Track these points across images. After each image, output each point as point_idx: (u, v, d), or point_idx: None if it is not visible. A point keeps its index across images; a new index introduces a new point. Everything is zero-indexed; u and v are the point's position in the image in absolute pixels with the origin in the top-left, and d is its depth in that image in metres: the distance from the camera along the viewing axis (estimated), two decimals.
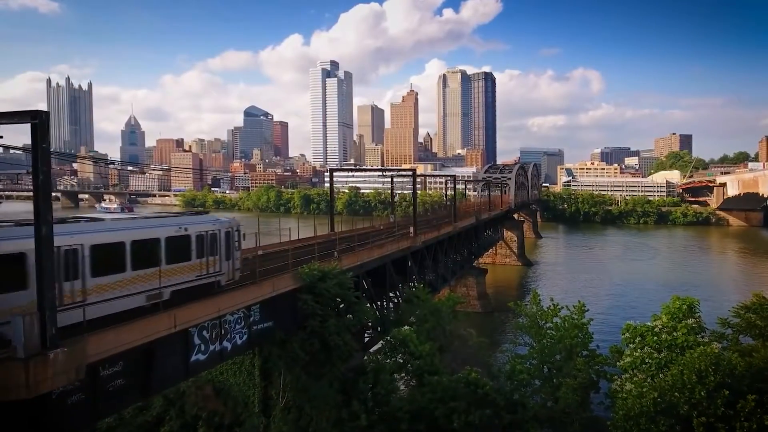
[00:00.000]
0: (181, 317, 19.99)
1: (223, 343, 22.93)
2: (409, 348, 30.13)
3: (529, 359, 38.57)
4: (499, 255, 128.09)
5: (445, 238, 64.74)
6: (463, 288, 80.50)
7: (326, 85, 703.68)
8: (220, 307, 22.00)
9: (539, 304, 40.27)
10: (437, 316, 35.03)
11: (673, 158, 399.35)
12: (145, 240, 21.12)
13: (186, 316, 20.20)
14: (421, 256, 55.45)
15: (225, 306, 22.38)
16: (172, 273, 21.77)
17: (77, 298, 17.93)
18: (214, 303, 21.86)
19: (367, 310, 32.33)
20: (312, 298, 27.22)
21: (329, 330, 26.99)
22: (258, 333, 25.43)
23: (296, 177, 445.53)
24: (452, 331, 34.04)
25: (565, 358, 36.94)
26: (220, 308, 22.07)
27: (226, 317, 23.02)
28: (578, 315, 37.99)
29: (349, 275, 30.64)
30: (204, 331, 21.88)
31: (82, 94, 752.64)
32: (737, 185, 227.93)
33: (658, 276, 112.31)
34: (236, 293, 23.53)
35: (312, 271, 27.98)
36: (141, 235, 21.04)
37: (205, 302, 21.50)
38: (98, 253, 19.01)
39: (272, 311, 26.06)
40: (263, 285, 25.10)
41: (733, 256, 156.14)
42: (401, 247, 47.13)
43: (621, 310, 77.23)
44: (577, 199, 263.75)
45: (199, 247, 23.28)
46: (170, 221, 23.79)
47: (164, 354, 19.69)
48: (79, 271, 18.26)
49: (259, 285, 24.98)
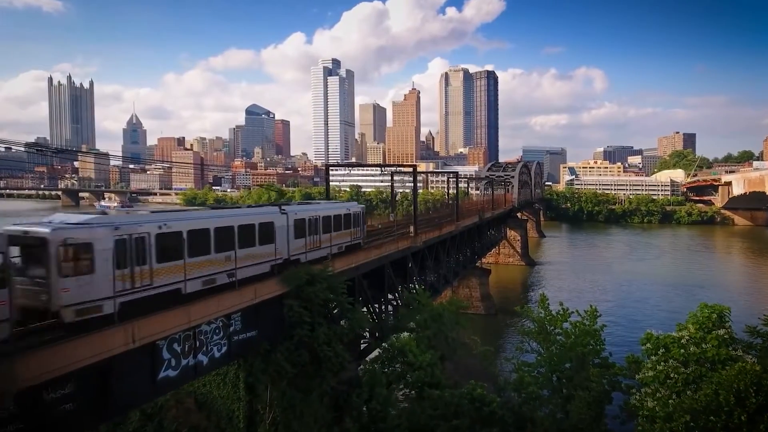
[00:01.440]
0: (147, 329, 17.50)
1: (198, 356, 20.44)
2: (408, 358, 27.58)
3: (537, 367, 36.07)
4: (502, 254, 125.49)
5: (447, 237, 62.16)
6: (466, 289, 78.01)
7: (328, 83, 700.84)
8: (191, 317, 19.41)
9: (548, 308, 37.62)
10: (439, 321, 32.43)
11: (677, 157, 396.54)
12: (338, 215, 34.57)
13: (152, 328, 17.71)
14: (422, 256, 52.91)
15: (199, 315, 19.86)
16: (344, 236, 35.17)
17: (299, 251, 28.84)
18: (185, 312, 19.32)
19: (363, 316, 29.72)
20: (299, 304, 24.74)
21: (319, 340, 24.45)
22: (239, 344, 22.92)
23: (297, 175, 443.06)
24: (455, 338, 31.50)
25: (576, 367, 34.42)
26: (192, 318, 19.47)
27: (202, 327, 20.53)
28: (590, 321, 35.39)
29: (342, 278, 28.06)
30: (175, 343, 19.38)
31: (83, 92, 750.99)
32: (743, 184, 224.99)
33: (666, 276, 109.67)
34: (211, 301, 20.99)
35: (299, 274, 25.54)
36: (334, 212, 34.27)
37: (175, 311, 18.95)
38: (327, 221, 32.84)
39: (255, 319, 23.58)
40: (244, 291, 22.56)
41: (741, 255, 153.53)
42: (401, 248, 44.58)
43: (630, 314, 74.74)
44: (581, 198, 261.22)
45: (355, 221, 37.01)
46: (341, 205, 37.79)
47: (125, 372, 17.22)
48: (316, 230, 31.30)
49: (240, 291, 22.46)
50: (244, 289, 22.53)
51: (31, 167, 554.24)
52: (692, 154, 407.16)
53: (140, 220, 20.57)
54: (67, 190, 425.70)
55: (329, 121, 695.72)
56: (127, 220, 20.23)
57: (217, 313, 20.90)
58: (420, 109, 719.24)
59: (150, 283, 19.87)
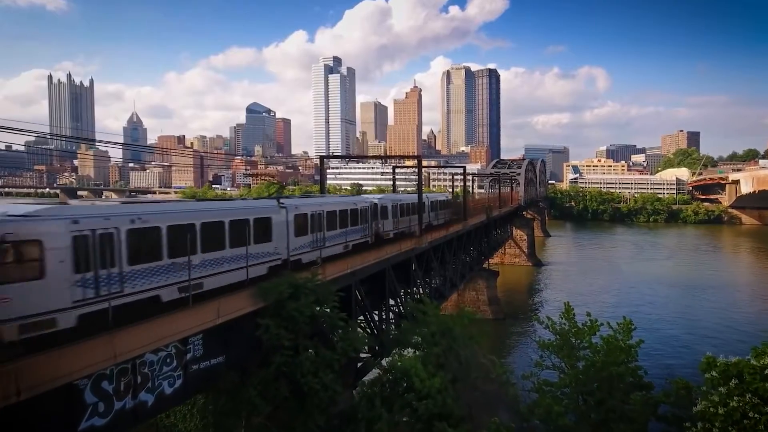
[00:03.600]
0: (58, 366, 12.63)
1: (139, 396, 15.58)
2: (414, 383, 22.71)
3: (561, 388, 31.20)
4: (508, 254, 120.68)
5: (454, 237, 57.33)
6: (472, 292, 73.21)
7: (329, 81, 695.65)
8: (129, 344, 14.49)
9: (573, 318, 32.72)
10: (449, 336, 27.60)
11: (681, 155, 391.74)
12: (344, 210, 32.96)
13: (67, 364, 12.85)
14: (427, 258, 48.11)
15: (141, 341, 14.97)
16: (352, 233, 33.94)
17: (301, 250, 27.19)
18: (119, 339, 14.37)
19: (360, 337, 24.62)
20: (277, 324, 19.77)
21: (302, 369, 19.41)
22: (200, 375, 18.00)
23: (298, 174, 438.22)
24: (469, 357, 26.66)
25: (606, 389, 29.55)
26: (129, 346, 14.53)
27: (146, 357, 15.70)
28: (624, 335, 30.49)
29: (334, 288, 23.16)
30: (104, 381, 14.55)
31: (83, 91, 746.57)
32: (751, 182, 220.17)
33: (680, 278, 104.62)
34: (159, 322, 16.03)
35: (278, 286, 20.69)
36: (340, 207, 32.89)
37: (104, 338, 14.04)
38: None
39: (222, 342, 18.77)
40: (205, 308, 17.65)
41: (753, 256, 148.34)
42: (404, 249, 39.77)
43: (648, 319, 69.54)
44: (585, 197, 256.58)
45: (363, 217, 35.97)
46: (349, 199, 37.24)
47: (23, 427, 12.36)
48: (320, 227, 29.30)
49: (200, 308, 17.57)
50: (204, 306, 17.56)
51: (30, 166, 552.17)
52: (697, 152, 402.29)
53: (108, 213, 17.21)
54: (65, 189, 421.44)
55: (330, 120, 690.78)
56: (90, 211, 16.95)
57: (168, 338, 16.05)
58: (421, 107, 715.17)
59: (120, 290, 16.69)
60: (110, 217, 16.98)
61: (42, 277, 14.65)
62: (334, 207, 31.82)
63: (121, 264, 16.84)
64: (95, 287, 15.92)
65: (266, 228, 24.73)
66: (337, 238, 31.86)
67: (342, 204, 33.37)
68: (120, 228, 16.99)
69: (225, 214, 22.14)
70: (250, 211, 23.98)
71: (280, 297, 19.94)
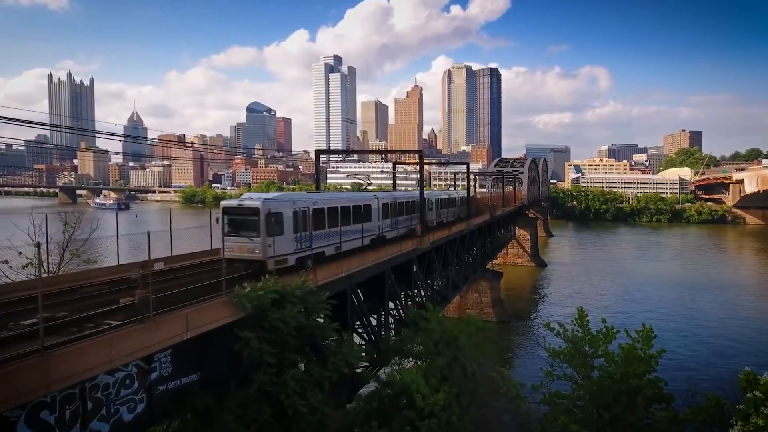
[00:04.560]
0: None
1: (90, 425, 13.08)
2: (416, 401, 20.27)
3: (575, 400, 28.84)
4: (511, 255, 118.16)
5: (457, 237, 54.85)
6: (475, 294, 70.78)
7: (329, 80, 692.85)
8: (76, 365, 11.99)
9: (587, 325, 30.28)
10: (454, 346, 25.16)
11: (684, 155, 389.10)
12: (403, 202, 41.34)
13: None
14: (429, 259, 45.66)
15: (93, 361, 12.49)
16: (410, 220, 42.24)
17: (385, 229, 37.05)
18: (61, 359, 11.86)
19: (355, 351, 21.92)
20: (258, 337, 17.16)
21: (287, 388, 16.82)
22: (167, 397, 15.49)
23: (298, 173, 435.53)
24: (476, 370, 24.17)
25: (625, 403, 27.17)
26: (75, 368, 12.03)
27: (99, 380, 13.26)
28: (643, 343, 28.09)
29: (326, 294, 20.64)
30: (44, 410, 12.13)
31: (83, 89, 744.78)
32: (756, 182, 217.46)
33: (688, 280, 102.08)
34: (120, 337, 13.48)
35: (258, 293, 17.99)
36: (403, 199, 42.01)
37: (38, 360, 11.53)
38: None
39: (196, 358, 16.33)
40: (169, 320, 15.18)
41: (760, 256, 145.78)
42: (404, 250, 37.33)
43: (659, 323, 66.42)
44: (588, 196, 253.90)
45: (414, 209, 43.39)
46: (408, 194, 45.83)
47: None
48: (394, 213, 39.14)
49: (163, 320, 15.02)
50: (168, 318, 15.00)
51: (30, 165, 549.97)
52: (699, 152, 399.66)
53: (303, 198, 27.62)
54: (65, 188, 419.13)
55: (330, 119, 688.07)
56: (296, 197, 27.91)
57: (125, 357, 13.57)
58: (422, 106, 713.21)
59: (309, 246, 26.38)
60: (305, 201, 27.13)
61: (282, 234, 24.58)
62: (402, 200, 42.36)
63: (310, 229, 26.65)
64: (301, 242, 25.87)
65: (369, 212, 34.93)
66: (404, 222, 41.92)
67: (406, 198, 44.17)
68: (309, 208, 26.88)
69: (351, 201, 32.92)
70: (362, 200, 34.72)
71: (261, 305, 17.57)
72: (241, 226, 24.08)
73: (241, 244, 23.58)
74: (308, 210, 26.62)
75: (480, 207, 74.85)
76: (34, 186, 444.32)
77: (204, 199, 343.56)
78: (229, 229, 24.30)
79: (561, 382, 30.95)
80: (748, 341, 62.27)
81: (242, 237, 23.81)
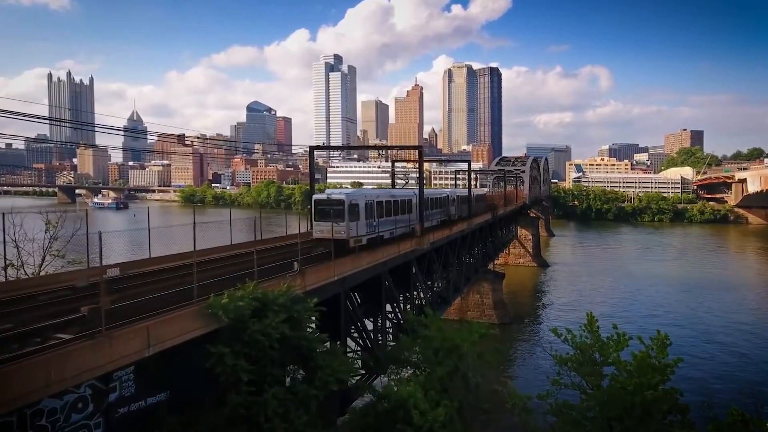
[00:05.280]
0: None
1: None
2: (413, 418, 18.41)
3: (585, 411, 27.02)
4: (512, 255, 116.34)
5: (458, 237, 53.06)
6: (476, 295, 68.93)
7: (329, 79, 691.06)
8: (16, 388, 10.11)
9: (597, 331, 28.44)
10: (455, 355, 23.26)
11: (685, 154, 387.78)
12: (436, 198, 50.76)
13: None
14: (429, 260, 43.83)
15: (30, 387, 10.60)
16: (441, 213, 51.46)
17: None
18: None
19: (346, 365, 19.54)
20: (234, 352, 15.16)
21: (268, 408, 14.85)
22: (128, 420, 13.44)
23: (298, 173, 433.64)
24: (479, 382, 22.25)
25: (639, 415, 25.32)
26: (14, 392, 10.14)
27: (43, 404, 11.41)
28: (658, 351, 26.25)
29: (314, 301, 18.69)
30: None
31: (83, 89, 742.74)
32: (759, 181, 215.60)
33: (693, 280, 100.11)
34: (70, 355, 11.57)
35: (237, 304, 15.92)
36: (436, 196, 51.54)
37: None
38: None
39: (165, 374, 14.42)
40: (130, 335, 13.15)
41: (765, 256, 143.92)
42: (403, 251, 35.53)
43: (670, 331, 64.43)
44: (589, 196, 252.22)
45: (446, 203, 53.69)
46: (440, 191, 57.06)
47: None
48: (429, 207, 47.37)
49: (117, 337, 12.91)
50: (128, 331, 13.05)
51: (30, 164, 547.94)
52: (701, 151, 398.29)
53: (369, 194, 35.56)
54: (63, 187, 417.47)
55: (331, 118, 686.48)
56: (366, 192, 36.36)
57: (76, 377, 11.69)
58: (423, 105, 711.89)
59: (376, 230, 34.28)
60: (371, 195, 35.02)
61: (358, 219, 32.44)
62: (434, 196, 50.96)
63: (376, 217, 34.33)
64: (370, 227, 33.54)
65: (410, 205, 41.58)
66: (436, 215, 50.02)
67: (438, 194, 53.57)
68: (374, 201, 34.51)
69: (400, 197, 40.27)
70: (406, 196, 41.63)
71: (240, 316, 15.66)
72: (329, 214, 31.89)
73: (330, 227, 30.26)
74: (373, 202, 34.56)
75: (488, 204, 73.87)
76: (33, 185, 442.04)
77: (204, 198, 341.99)
78: (319, 217, 32.59)
79: (569, 391, 29.17)
80: (761, 346, 60.39)
81: (330, 222, 31.02)
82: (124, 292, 17.47)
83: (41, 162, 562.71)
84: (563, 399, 28.46)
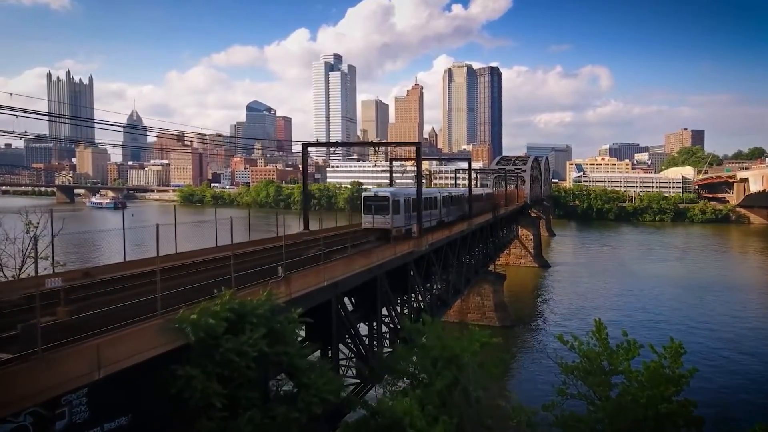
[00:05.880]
0: None
1: None
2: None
3: (594, 424, 25.44)
4: (513, 255, 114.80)
5: (458, 237, 51.41)
6: (477, 297, 67.32)
7: (329, 78, 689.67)
8: None
9: (605, 339, 26.81)
10: (455, 365, 21.59)
11: (686, 154, 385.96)
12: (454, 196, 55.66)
13: None
14: (428, 261, 42.15)
15: None
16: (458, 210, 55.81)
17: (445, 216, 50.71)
18: None
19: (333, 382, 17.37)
20: (205, 373, 13.26)
21: None
22: None
23: (298, 172, 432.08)
24: (481, 397, 20.57)
25: (651, 429, 23.76)
26: None
27: None
28: (671, 360, 24.64)
29: (298, 311, 16.97)
30: None
31: (83, 88, 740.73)
32: (761, 181, 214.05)
33: (699, 281, 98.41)
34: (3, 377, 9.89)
35: (206, 319, 13.78)
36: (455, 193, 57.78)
37: None
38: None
39: (123, 397, 12.75)
40: (74, 356, 11.11)
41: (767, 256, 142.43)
42: (400, 253, 33.85)
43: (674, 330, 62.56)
44: (590, 195, 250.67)
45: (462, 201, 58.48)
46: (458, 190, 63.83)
47: None
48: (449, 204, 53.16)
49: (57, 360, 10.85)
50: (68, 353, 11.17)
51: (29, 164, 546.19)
52: (701, 150, 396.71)
53: (405, 192, 40.70)
54: (62, 187, 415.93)
55: (330, 117, 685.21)
56: (405, 191, 41.39)
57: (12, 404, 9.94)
58: (423, 105, 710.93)
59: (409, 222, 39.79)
60: (407, 193, 40.31)
61: (399, 213, 38.29)
62: (454, 194, 55.84)
63: (411, 212, 39.90)
64: (408, 220, 39.23)
65: (436, 202, 47.87)
66: (455, 211, 54.43)
67: (456, 192, 59.30)
68: (411, 197, 40.08)
69: (429, 195, 45.89)
70: (432, 194, 48.13)
71: (212, 332, 13.79)
72: (376, 209, 38.08)
73: (376, 219, 37.86)
74: (410, 199, 39.84)
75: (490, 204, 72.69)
76: (32, 185, 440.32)
77: (203, 198, 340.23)
78: (367, 210, 38.54)
79: (575, 401, 27.57)
80: None
81: (377, 215, 37.99)
82: (89, 300, 15.75)
83: (40, 161, 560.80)
84: (569, 410, 26.90)
